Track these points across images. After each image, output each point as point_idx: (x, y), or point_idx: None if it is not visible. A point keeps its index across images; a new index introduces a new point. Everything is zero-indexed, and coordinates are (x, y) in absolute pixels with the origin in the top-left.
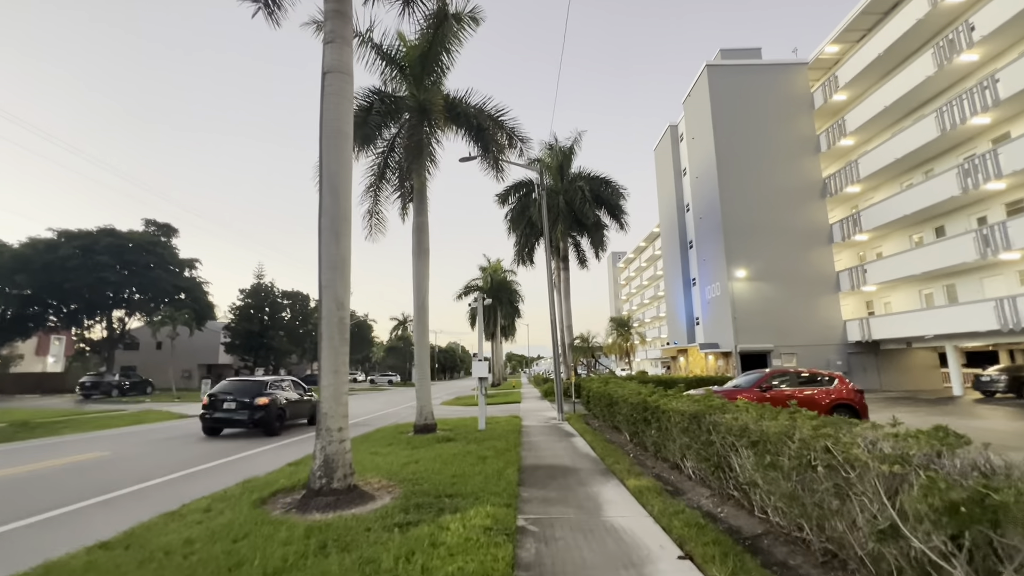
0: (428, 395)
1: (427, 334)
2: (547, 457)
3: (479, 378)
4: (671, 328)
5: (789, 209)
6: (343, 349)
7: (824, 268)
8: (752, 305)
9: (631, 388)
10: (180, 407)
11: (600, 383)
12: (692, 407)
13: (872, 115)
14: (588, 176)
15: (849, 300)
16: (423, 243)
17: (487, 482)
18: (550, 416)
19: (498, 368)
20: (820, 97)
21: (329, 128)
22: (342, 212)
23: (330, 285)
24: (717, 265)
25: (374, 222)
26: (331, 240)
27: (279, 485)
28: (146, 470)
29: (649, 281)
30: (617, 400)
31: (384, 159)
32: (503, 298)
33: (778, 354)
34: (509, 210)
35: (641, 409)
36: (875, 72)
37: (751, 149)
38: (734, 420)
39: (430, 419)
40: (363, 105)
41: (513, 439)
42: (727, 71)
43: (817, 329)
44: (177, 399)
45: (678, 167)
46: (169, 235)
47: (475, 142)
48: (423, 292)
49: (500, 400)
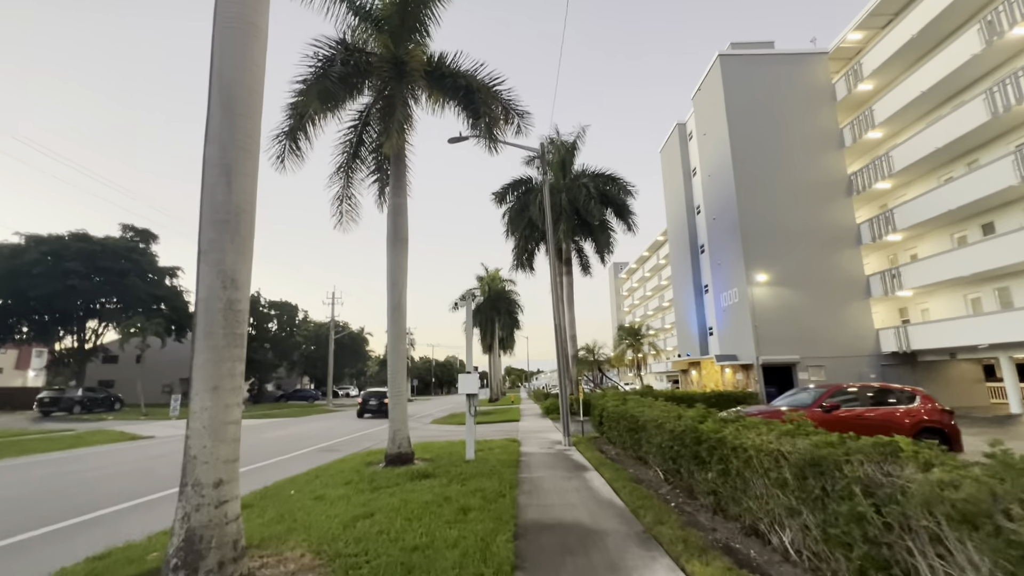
0: (404, 416)
1: (403, 340)
2: (555, 508)
3: (467, 395)
4: (681, 339)
5: (812, 208)
6: (233, 352)
7: (852, 272)
8: (774, 313)
9: (662, 409)
10: (141, 426)
11: (616, 401)
12: (803, 448)
13: (905, 103)
14: (593, 173)
15: (880, 307)
16: (400, 229)
17: (464, 562)
18: (554, 440)
19: (496, 382)
20: (843, 88)
21: (226, 15)
22: (240, 138)
23: (214, 249)
24: (734, 270)
25: (346, 208)
26: (220, 181)
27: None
28: None
29: (653, 292)
30: (644, 425)
31: (357, 134)
32: (501, 308)
33: (804, 367)
34: (507, 209)
35: (690, 442)
36: (907, 57)
37: (769, 144)
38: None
39: (405, 447)
40: (325, 55)
41: (509, 476)
42: (741, 61)
43: (847, 339)
44: (143, 416)
45: (687, 167)
46: (148, 241)
47: (465, 113)
48: (399, 289)
49: (497, 418)
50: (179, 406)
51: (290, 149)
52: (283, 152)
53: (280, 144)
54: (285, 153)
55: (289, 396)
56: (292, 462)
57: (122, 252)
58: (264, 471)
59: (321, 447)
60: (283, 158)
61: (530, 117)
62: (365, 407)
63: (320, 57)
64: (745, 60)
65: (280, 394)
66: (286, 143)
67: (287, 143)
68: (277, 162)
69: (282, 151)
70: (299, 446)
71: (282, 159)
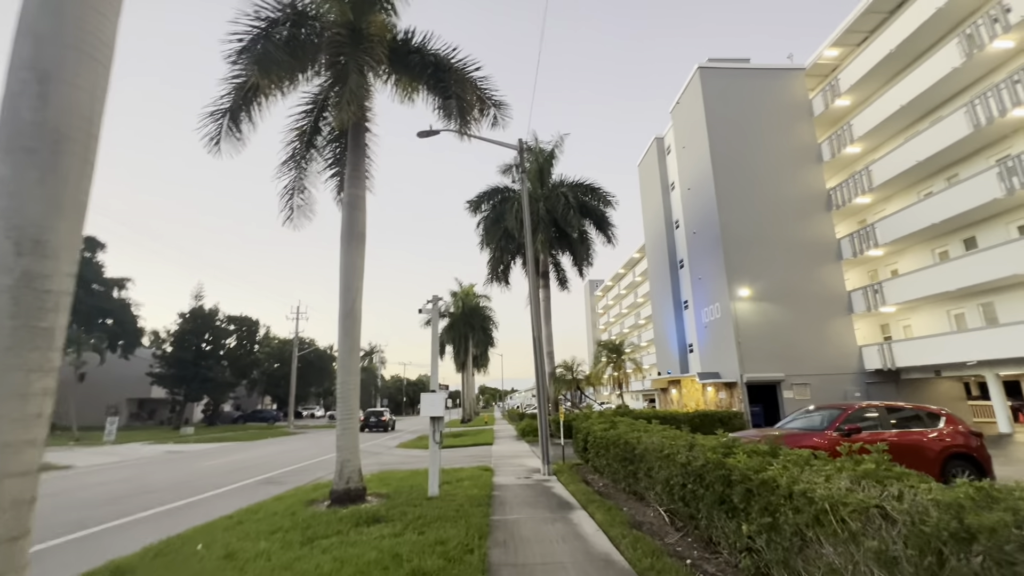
0: (354, 443)
1: (357, 353)
2: (538, 571)
3: (431, 418)
4: (660, 357)
5: (792, 223)
6: (27, 357)
7: (834, 288)
8: (758, 329)
9: (664, 435)
10: (66, 454)
11: (604, 424)
12: (926, 507)
13: (883, 118)
14: (572, 183)
15: (863, 323)
16: (356, 223)
17: None
18: (532, 467)
19: (469, 402)
20: (820, 103)
21: None
22: (71, 32)
23: (3, 193)
24: (716, 284)
25: (298, 202)
26: (28, 91)
27: None
28: None
29: (629, 309)
30: (642, 455)
31: (313, 119)
32: (475, 325)
33: (789, 385)
34: (482, 219)
35: (715, 481)
36: (884, 72)
37: (749, 157)
38: None
39: (355, 481)
40: (269, 16)
41: (478, 519)
42: (720, 74)
43: (831, 356)
44: (74, 442)
45: (665, 181)
46: (94, 249)
47: (436, 98)
48: (353, 293)
49: (468, 441)
50: (115, 430)
51: (228, 130)
52: (219, 132)
53: (217, 123)
54: (222, 133)
55: (248, 417)
56: (221, 499)
57: None
58: (181, 513)
59: (264, 478)
60: (218, 139)
61: (507, 108)
62: (367, 423)
63: (263, 17)
64: (724, 74)
65: (238, 415)
66: (223, 122)
67: (225, 122)
68: (211, 144)
69: (218, 131)
70: (238, 477)
71: (217, 140)
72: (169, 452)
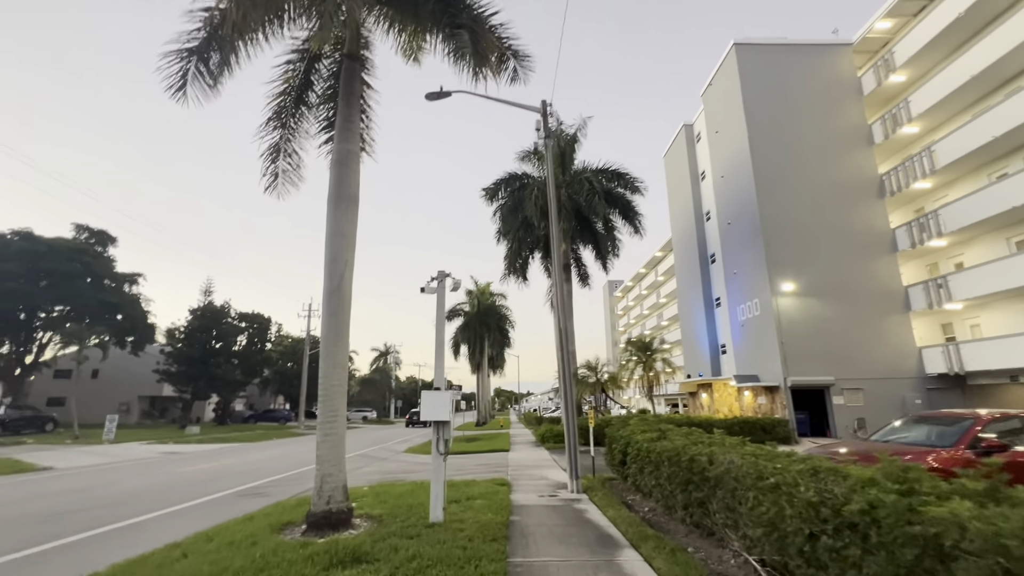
0: (339, 453)
1: (344, 339)
2: None
3: (435, 423)
4: (688, 358)
5: (840, 211)
6: None
7: (888, 282)
8: (802, 328)
9: (752, 453)
10: (56, 453)
11: (650, 432)
12: None
13: (948, 92)
14: (596, 168)
15: (921, 322)
16: (346, 184)
17: None
18: (556, 481)
19: (485, 404)
20: (871, 80)
21: None
22: None
23: None
24: (754, 278)
25: (284, 166)
26: None
27: None
28: None
29: (651, 310)
30: (721, 479)
31: (303, 71)
32: (491, 324)
33: (839, 390)
34: (498, 207)
35: (907, 545)
36: (949, 41)
37: (790, 140)
38: None
39: (338, 500)
40: None
41: (492, 563)
42: (758, 51)
43: (886, 358)
44: (75, 439)
45: (695, 171)
46: (105, 244)
47: (443, 41)
48: (341, 266)
49: (483, 446)
50: (115, 428)
51: (197, 73)
52: (184, 75)
53: (183, 62)
54: (188, 77)
55: (259, 416)
56: (183, 517)
57: (70, 254)
58: (123, 536)
59: (247, 488)
60: (184, 85)
61: (529, 61)
62: (411, 420)
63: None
64: (762, 50)
65: (250, 414)
66: (191, 63)
67: (192, 63)
68: (175, 92)
69: (183, 74)
70: (220, 486)
71: (182, 87)
72: (165, 453)
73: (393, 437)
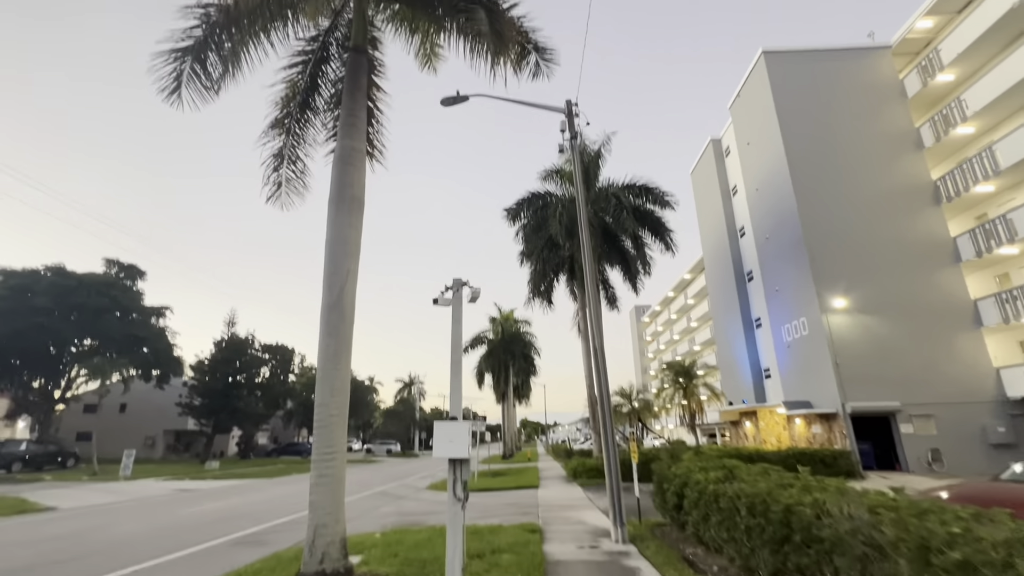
0: (337, 498)
1: (346, 362)
2: None
3: (451, 460)
4: (727, 384)
5: (891, 220)
6: None
7: (953, 295)
8: (859, 348)
9: (860, 498)
10: (67, 491)
11: (713, 471)
12: None
13: (1009, 85)
14: (623, 185)
15: (995, 339)
16: (348, 184)
17: None
18: (596, 527)
19: (511, 435)
20: (915, 82)
21: None
22: None
23: None
24: (800, 295)
25: (287, 174)
26: None
27: None
28: None
29: (682, 335)
30: (839, 542)
31: (311, 72)
32: (516, 352)
33: (907, 417)
34: (520, 228)
35: None
36: (1003, 33)
37: (830, 148)
38: None
39: (334, 558)
40: None
41: None
42: (789, 58)
43: (958, 380)
44: (92, 476)
45: (725, 186)
46: (135, 278)
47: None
48: (342, 276)
49: (510, 483)
50: (131, 464)
51: (192, 74)
52: (179, 75)
53: (176, 63)
54: (183, 78)
55: (282, 450)
56: (167, 571)
57: (99, 288)
58: None
59: (246, 535)
60: (178, 88)
61: (551, 54)
62: None
63: None
64: (793, 57)
65: (272, 447)
66: (186, 63)
67: (187, 63)
68: (169, 95)
69: (178, 74)
70: (218, 531)
71: (176, 90)
72: (176, 491)
73: (415, 471)
